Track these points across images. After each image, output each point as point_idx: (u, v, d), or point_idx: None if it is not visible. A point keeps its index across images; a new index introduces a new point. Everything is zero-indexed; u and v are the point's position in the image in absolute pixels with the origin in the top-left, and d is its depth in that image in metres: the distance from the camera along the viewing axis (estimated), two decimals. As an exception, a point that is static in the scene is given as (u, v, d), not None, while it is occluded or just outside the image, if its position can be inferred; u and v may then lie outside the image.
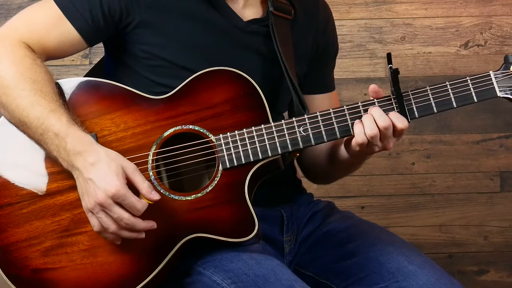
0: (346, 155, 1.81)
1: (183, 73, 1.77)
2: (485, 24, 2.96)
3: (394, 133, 1.70)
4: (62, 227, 1.67)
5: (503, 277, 3.02)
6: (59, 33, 1.77)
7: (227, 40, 1.83)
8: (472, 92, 1.72)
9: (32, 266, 1.66)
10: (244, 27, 1.84)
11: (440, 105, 1.72)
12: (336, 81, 2.10)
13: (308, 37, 1.95)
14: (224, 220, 1.68)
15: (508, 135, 2.98)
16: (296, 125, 1.72)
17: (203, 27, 1.81)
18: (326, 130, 1.72)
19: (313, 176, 2.08)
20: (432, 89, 1.72)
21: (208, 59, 1.79)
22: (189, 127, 1.72)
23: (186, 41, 1.80)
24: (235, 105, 1.73)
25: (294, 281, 1.63)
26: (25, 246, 1.67)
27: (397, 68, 1.69)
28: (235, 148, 1.70)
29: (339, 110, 1.72)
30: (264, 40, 1.85)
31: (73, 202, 1.68)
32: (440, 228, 2.99)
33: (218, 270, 1.67)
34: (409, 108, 1.71)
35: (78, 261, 1.66)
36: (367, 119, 1.68)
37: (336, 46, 2.06)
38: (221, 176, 1.70)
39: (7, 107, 1.69)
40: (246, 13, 1.86)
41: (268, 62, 1.85)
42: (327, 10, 2.03)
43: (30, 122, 1.66)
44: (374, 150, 1.72)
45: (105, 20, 1.77)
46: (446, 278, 1.72)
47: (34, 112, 1.66)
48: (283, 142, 1.71)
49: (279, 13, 1.87)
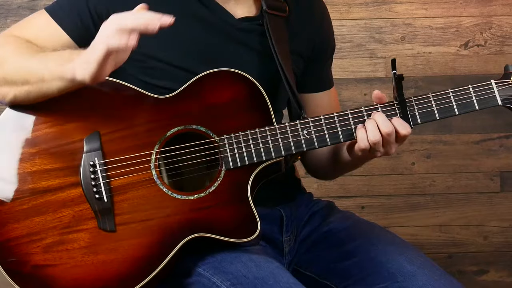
0: (348, 157, 1.81)
1: (178, 74, 1.78)
2: (485, 24, 2.96)
3: (397, 139, 1.71)
4: (63, 224, 1.67)
5: (503, 277, 3.03)
6: (50, 36, 1.78)
7: (220, 37, 1.83)
8: (474, 100, 1.73)
9: (33, 262, 1.66)
10: (235, 23, 1.84)
11: (442, 112, 1.73)
12: (336, 81, 2.10)
13: (304, 34, 1.94)
14: (226, 221, 1.68)
15: (508, 135, 2.98)
16: (300, 128, 1.72)
17: (195, 25, 1.82)
18: (329, 134, 1.72)
19: (314, 173, 2.09)
20: (435, 96, 1.73)
21: (202, 58, 1.80)
22: (192, 127, 1.72)
23: (178, 40, 1.80)
24: (238, 106, 1.74)
25: (293, 284, 1.63)
26: (25, 242, 1.67)
27: (402, 74, 1.70)
28: (239, 149, 1.70)
29: (342, 114, 1.73)
30: (258, 38, 1.85)
31: (74, 199, 1.68)
32: (440, 228, 3.00)
33: (217, 271, 1.67)
34: (412, 114, 1.72)
35: (79, 258, 1.65)
36: (370, 125, 1.69)
37: (333, 42, 2.05)
38: (224, 177, 1.70)
39: (6, 73, 1.70)
40: (238, 11, 1.86)
41: (263, 60, 1.85)
42: (322, 6, 2.02)
43: (31, 67, 1.67)
44: (376, 155, 1.73)
45: (93, 20, 1.78)
46: (446, 278, 1.72)
47: (35, 57, 1.68)
48: (287, 144, 1.72)
49: (273, 11, 1.86)
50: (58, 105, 1.72)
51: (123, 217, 1.67)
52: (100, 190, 1.67)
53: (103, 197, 1.67)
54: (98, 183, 1.68)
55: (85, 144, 1.69)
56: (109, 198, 1.67)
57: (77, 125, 1.70)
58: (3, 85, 1.71)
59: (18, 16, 2.82)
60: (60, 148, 1.71)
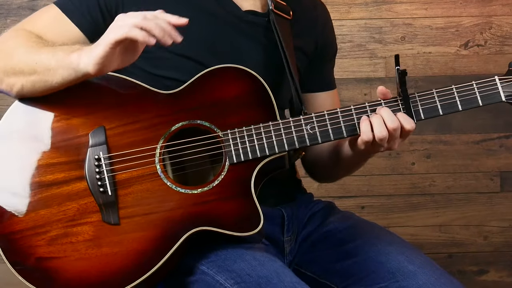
0: (350, 152, 1.81)
1: (185, 64, 1.79)
2: (485, 24, 2.96)
3: (401, 134, 1.71)
4: (67, 217, 1.68)
5: (503, 277, 3.03)
6: (60, 30, 1.80)
7: (226, 28, 1.84)
8: (477, 96, 1.73)
9: (37, 254, 1.66)
10: (242, 16, 1.86)
11: (446, 108, 1.73)
12: (336, 81, 2.10)
13: (307, 36, 1.97)
14: (229, 214, 1.68)
15: (508, 135, 2.98)
16: (304, 123, 1.73)
17: (203, 16, 1.83)
18: (333, 129, 1.73)
19: (316, 174, 2.09)
20: (438, 92, 1.74)
21: (209, 49, 1.81)
22: (197, 122, 1.73)
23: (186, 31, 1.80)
24: (243, 101, 1.75)
25: (296, 283, 1.63)
26: (30, 235, 1.67)
27: (405, 70, 1.70)
28: (243, 143, 1.71)
29: (346, 110, 1.73)
30: (264, 31, 1.87)
31: (79, 192, 1.69)
32: (440, 228, 3.00)
33: (221, 270, 1.67)
34: (415, 109, 1.73)
35: (83, 251, 1.66)
36: (376, 120, 1.69)
37: (335, 45, 2.08)
38: (228, 171, 1.70)
39: (16, 64, 1.71)
40: (244, 3, 1.87)
41: (268, 53, 1.87)
42: (325, 11, 2.05)
43: (40, 59, 1.68)
44: (379, 150, 1.73)
45: (102, 14, 1.80)
46: (446, 277, 1.72)
47: (43, 50, 1.69)
48: (290, 139, 1.72)
49: (279, 12, 1.88)
50: (64, 100, 1.74)
51: (127, 210, 1.68)
52: (105, 184, 1.68)
53: (107, 191, 1.68)
54: (103, 177, 1.68)
55: (90, 138, 1.70)
56: (114, 191, 1.68)
57: (83, 120, 1.72)
58: (11, 75, 1.72)
59: (18, 16, 2.82)
60: (66, 142, 1.72)
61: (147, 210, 1.68)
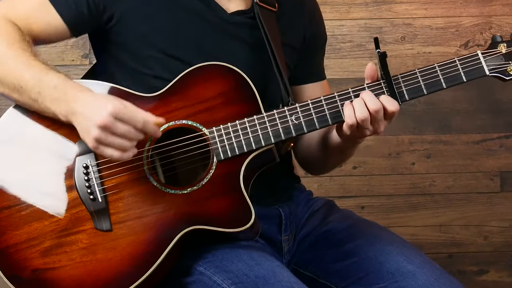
0: (338, 139, 1.81)
1: (170, 63, 1.78)
2: (485, 24, 2.96)
3: (385, 116, 1.70)
4: (60, 227, 1.68)
5: (503, 277, 3.03)
6: (43, 17, 1.77)
7: (213, 30, 1.84)
8: (461, 72, 1.73)
9: (32, 266, 1.67)
10: (228, 18, 1.85)
11: (430, 87, 1.73)
12: (336, 81, 2.11)
13: (295, 29, 1.95)
14: (220, 211, 1.68)
15: (508, 135, 2.98)
16: (288, 114, 1.73)
17: (189, 18, 1.82)
18: (317, 117, 1.73)
19: (308, 166, 2.07)
20: (421, 71, 1.74)
21: (195, 49, 1.81)
22: (182, 122, 1.73)
23: (173, 31, 1.81)
24: (227, 98, 1.74)
25: (294, 282, 1.63)
26: (24, 248, 1.68)
27: (385, 52, 1.71)
28: (229, 139, 1.71)
29: (330, 97, 1.73)
30: (250, 31, 1.86)
31: (70, 202, 1.69)
32: (440, 228, 3.00)
33: (218, 270, 1.67)
34: (399, 91, 1.72)
35: (78, 259, 1.66)
36: (358, 103, 1.69)
37: (325, 35, 2.06)
38: (216, 168, 1.71)
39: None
40: (231, 5, 1.87)
41: (256, 52, 1.86)
42: (312, 0, 2.03)
43: (26, 82, 1.67)
44: (365, 133, 1.72)
45: (89, 8, 1.77)
46: (446, 277, 1.72)
47: (30, 72, 1.67)
48: (276, 131, 1.72)
49: (263, 5, 1.88)
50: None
51: (119, 215, 1.68)
52: (94, 191, 1.68)
53: (97, 198, 1.68)
54: (92, 184, 1.69)
55: (78, 147, 1.70)
56: (103, 198, 1.68)
57: (71, 129, 1.70)
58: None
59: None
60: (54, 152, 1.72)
61: (138, 214, 1.68)
